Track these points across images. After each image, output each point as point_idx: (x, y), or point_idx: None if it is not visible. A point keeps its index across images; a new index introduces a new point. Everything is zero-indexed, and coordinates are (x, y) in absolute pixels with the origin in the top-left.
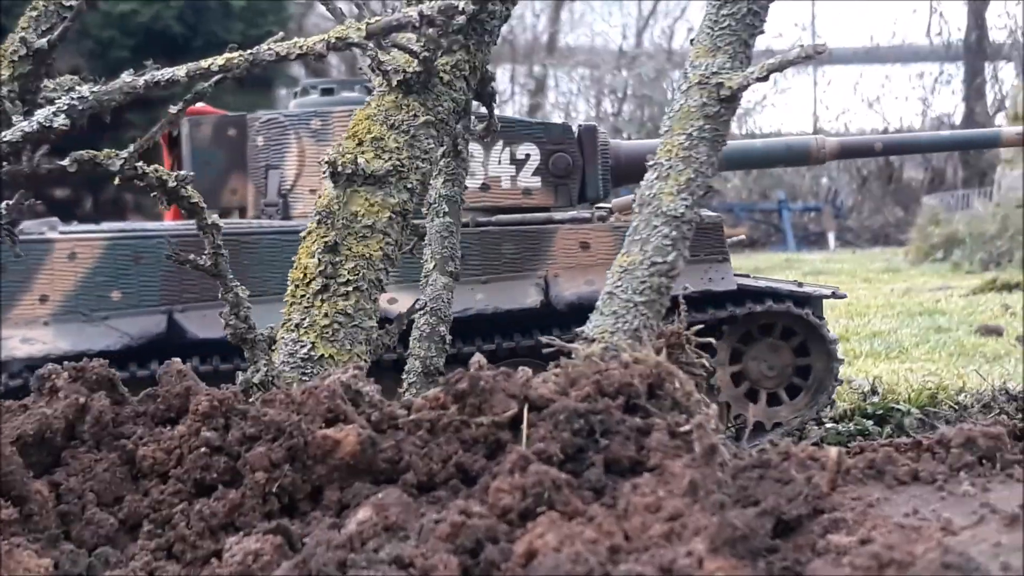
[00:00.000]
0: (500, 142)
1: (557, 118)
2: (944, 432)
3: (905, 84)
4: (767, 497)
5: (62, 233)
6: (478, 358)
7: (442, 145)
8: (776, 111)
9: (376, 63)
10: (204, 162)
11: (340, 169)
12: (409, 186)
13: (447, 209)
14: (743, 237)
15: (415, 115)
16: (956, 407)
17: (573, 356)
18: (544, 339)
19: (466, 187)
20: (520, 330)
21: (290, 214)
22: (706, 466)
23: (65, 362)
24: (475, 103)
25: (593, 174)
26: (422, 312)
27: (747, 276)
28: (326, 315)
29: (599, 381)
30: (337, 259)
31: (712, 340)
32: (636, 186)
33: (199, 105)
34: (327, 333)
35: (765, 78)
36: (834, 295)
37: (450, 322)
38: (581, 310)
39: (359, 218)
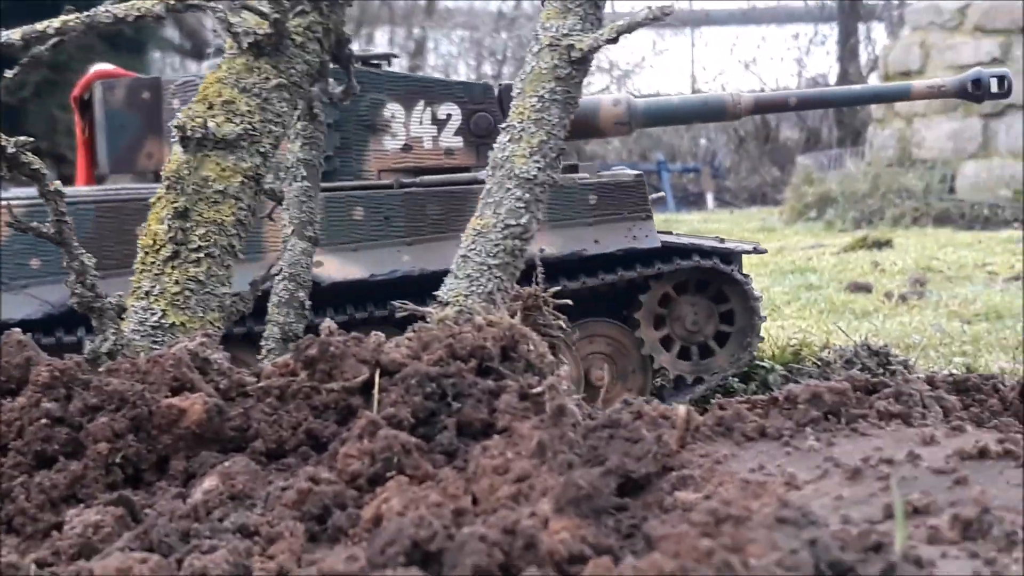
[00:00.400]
0: (421, 102)
1: None
2: (792, 388)
3: (781, 45)
4: (614, 456)
5: None
6: (328, 323)
7: (296, 108)
8: (654, 73)
9: (226, 25)
10: (118, 126)
11: (190, 133)
12: (262, 150)
13: (305, 173)
14: (663, 194)
15: (267, 78)
16: (819, 363)
17: (427, 320)
18: (397, 303)
19: (387, 149)
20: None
21: None
22: (554, 427)
23: None
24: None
25: None
26: (280, 278)
27: (668, 233)
28: (176, 282)
29: (452, 344)
30: (188, 225)
31: (570, 302)
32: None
33: (110, 68)
34: (178, 300)
35: (615, 40)
36: (755, 250)
37: (309, 287)
38: None
39: (210, 183)
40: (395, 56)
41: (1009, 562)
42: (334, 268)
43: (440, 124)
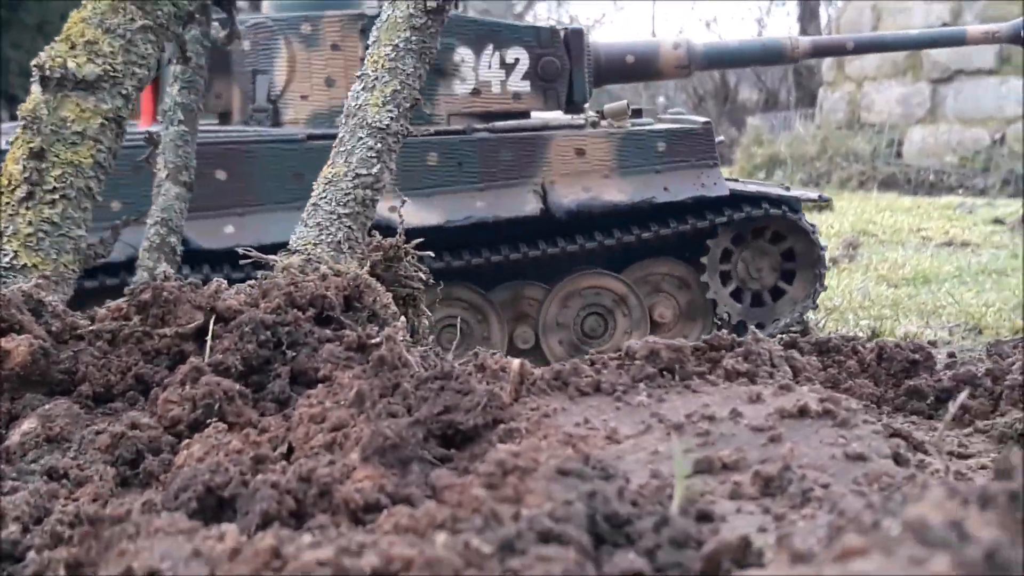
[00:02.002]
0: (490, 46)
1: None
2: (631, 344)
3: (742, 5)
4: (438, 406)
5: None
6: (164, 268)
7: (162, 51)
8: (615, 29)
9: None
10: None
11: (49, 73)
12: (124, 92)
13: (182, 117)
14: (723, 139)
15: (132, 19)
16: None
17: (272, 267)
18: (241, 250)
19: (457, 93)
20: (523, 239)
21: (280, 120)
22: (375, 377)
23: None
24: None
25: (580, 77)
26: (152, 222)
27: (734, 180)
28: (30, 223)
29: (291, 293)
30: (43, 166)
31: (430, 253)
32: (618, 87)
33: None
34: (31, 242)
35: None
36: (820, 199)
37: (181, 232)
38: (579, 217)
39: (68, 124)
40: None
41: (797, 518)
42: (410, 213)
43: (508, 68)
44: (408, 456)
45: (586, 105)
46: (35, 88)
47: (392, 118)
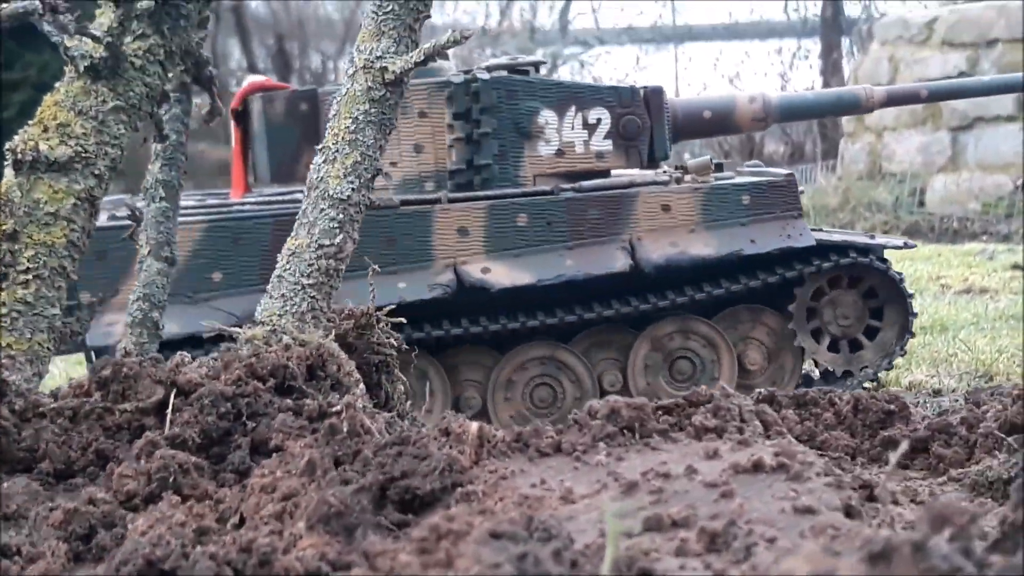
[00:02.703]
0: (573, 107)
1: None
2: (592, 403)
3: (764, 60)
4: (392, 472)
5: None
6: (125, 343)
7: (135, 130)
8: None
9: (63, 49)
10: (278, 137)
11: (21, 156)
12: (96, 172)
13: (163, 194)
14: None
15: (104, 100)
16: None
17: (235, 339)
18: (206, 323)
19: (542, 154)
20: (613, 295)
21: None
22: (327, 445)
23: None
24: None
25: (660, 134)
26: (135, 298)
27: (819, 230)
28: (3, 304)
29: (252, 364)
30: (16, 247)
31: (404, 320)
32: (699, 143)
33: (263, 80)
34: (5, 322)
35: (424, 62)
36: (905, 245)
37: (163, 308)
38: (668, 272)
39: (41, 205)
40: (543, 63)
41: (738, 573)
42: (502, 274)
43: (591, 128)
44: (353, 523)
45: (665, 161)
46: (8, 172)
47: (353, 189)
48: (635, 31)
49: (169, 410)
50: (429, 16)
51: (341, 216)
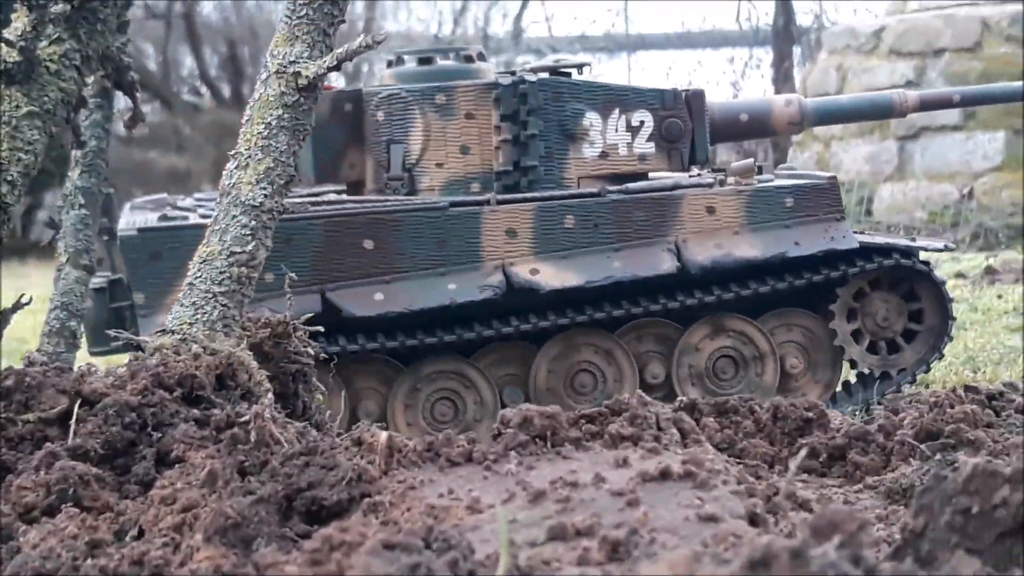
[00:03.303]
0: (616, 110)
1: None
2: (505, 412)
3: (716, 69)
4: (298, 483)
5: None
6: (32, 354)
7: (50, 135)
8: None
9: None
10: (324, 137)
11: None
12: (9, 179)
13: (83, 201)
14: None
15: (17, 106)
16: None
17: (144, 348)
18: (113, 332)
19: (586, 156)
20: (660, 292)
21: (416, 188)
22: (229, 456)
23: None
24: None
25: (701, 137)
26: (52, 307)
27: (860, 232)
28: None
29: (159, 374)
30: None
31: (320, 328)
32: (736, 145)
33: None
34: None
35: (337, 67)
36: (946, 248)
37: (81, 316)
38: (714, 273)
39: None
40: (587, 64)
41: None
42: (551, 275)
43: (634, 131)
44: (251, 535)
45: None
46: None
47: (266, 195)
48: (588, 39)
49: (73, 420)
50: (343, 21)
51: (253, 223)
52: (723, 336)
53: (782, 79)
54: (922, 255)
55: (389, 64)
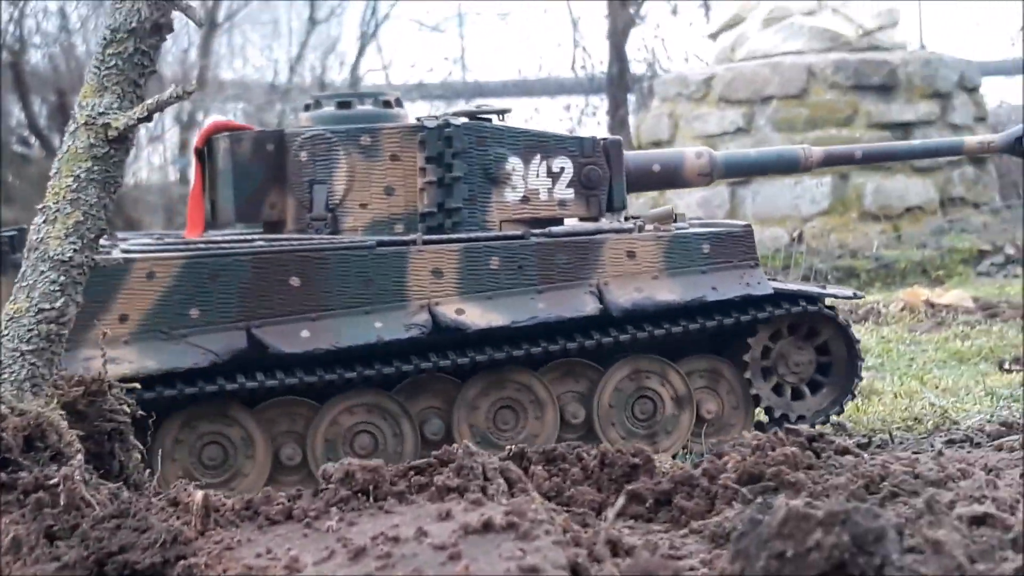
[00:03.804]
0: (538, 156)
1: None
2: (327, 467)
3: (553, 116)
4: (105, 547)
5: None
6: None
7: None
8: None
9: None
10: (244, 176)
11: None
12: None
13: None
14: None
15: None
16: None
17: None
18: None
19: (508, 200)
20: (579, 332)
21: (339, 228)
22: (34, 521)
23: None
24: None
25: (619, 185)
26: None
27: (773, 279)
28: None
29: None
30: None
31: (136, 384)
32: (656, 194)
33: (225, 120)
34: None
35: (148, 118)
36: (855, 296)
37: None
38: (635, 316)
39: None
40: (508, 111)
41: None
42: (477, 315)
43: (555, 177)
44: None
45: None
46: None
47: (75, 250)
48: (426, 87)
49: None
50: (155, 71)
51: (63, 279)
52: (640, 377)
53: (617, 126)
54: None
55: (307, 108)
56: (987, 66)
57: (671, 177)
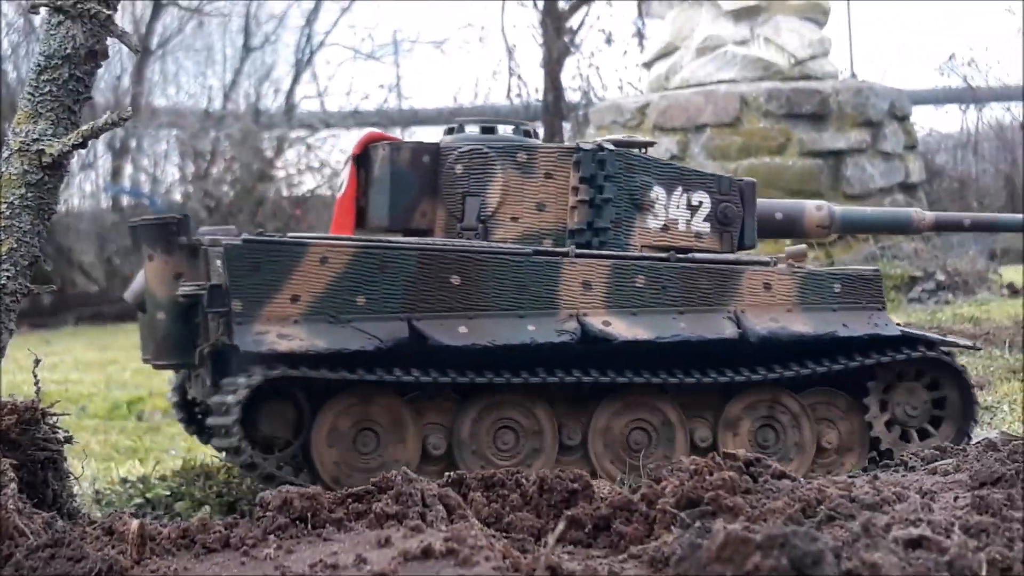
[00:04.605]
0: (680, 188)
1: (145, 180)
2: (264, 495)
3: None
4: None
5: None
6: None
7: None
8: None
9: None
10: (400, 184)
11: None
12: None
13: None
14: None
15: None
16: None
17: None
18: None
19: (650, 227)
20: (716, 362)
21: (489, 238)
22: None
23: None
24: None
25: (750, 225)
26: None
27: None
28: None
29: None
30: None
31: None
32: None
33: (380, 132)
34: None
35: (83, 144)
36: (974, 347)
37: None
38: (771, 344)
39: None
40: (653, 144)
41: None
42: (623, 328)
43: (693, 209)
44: None
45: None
46: None
47: (9, 277)
48: (361, 115)
49: None
50: (90, 97)
51: None
52: (763, 406)
53: None
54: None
55: (450, 131)
56: (917, 95)
57: (791, 226)
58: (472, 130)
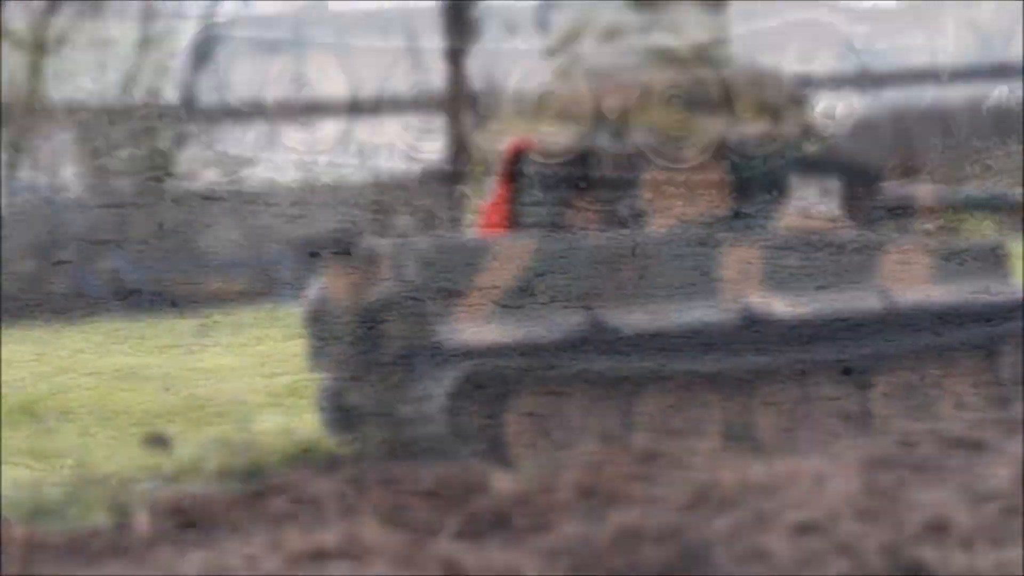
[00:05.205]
0: None
1: (42, 177)
2: (155, 501)
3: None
4: None
5: None
6: None
7: None
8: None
9: None
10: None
11: None
12: None
13: None
14: None
15: None
16: None
17: None
18: None
19: None
20: None
21: None
22: None
23: None
24: None
25: None
26: None
27: None
28: None
29: None
30: None
31: None
32: None
33: (528, 138)
34: None
35: None
36: None
37: None
38: None
39: None
40: None
41: None
42: (782, 309)
43: None
44: None
45: None
46: None
47: None
48: (262, 106)
49: None
50: None
51: None
52: None
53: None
54: None
55: None
56: None
57: None
58: None
